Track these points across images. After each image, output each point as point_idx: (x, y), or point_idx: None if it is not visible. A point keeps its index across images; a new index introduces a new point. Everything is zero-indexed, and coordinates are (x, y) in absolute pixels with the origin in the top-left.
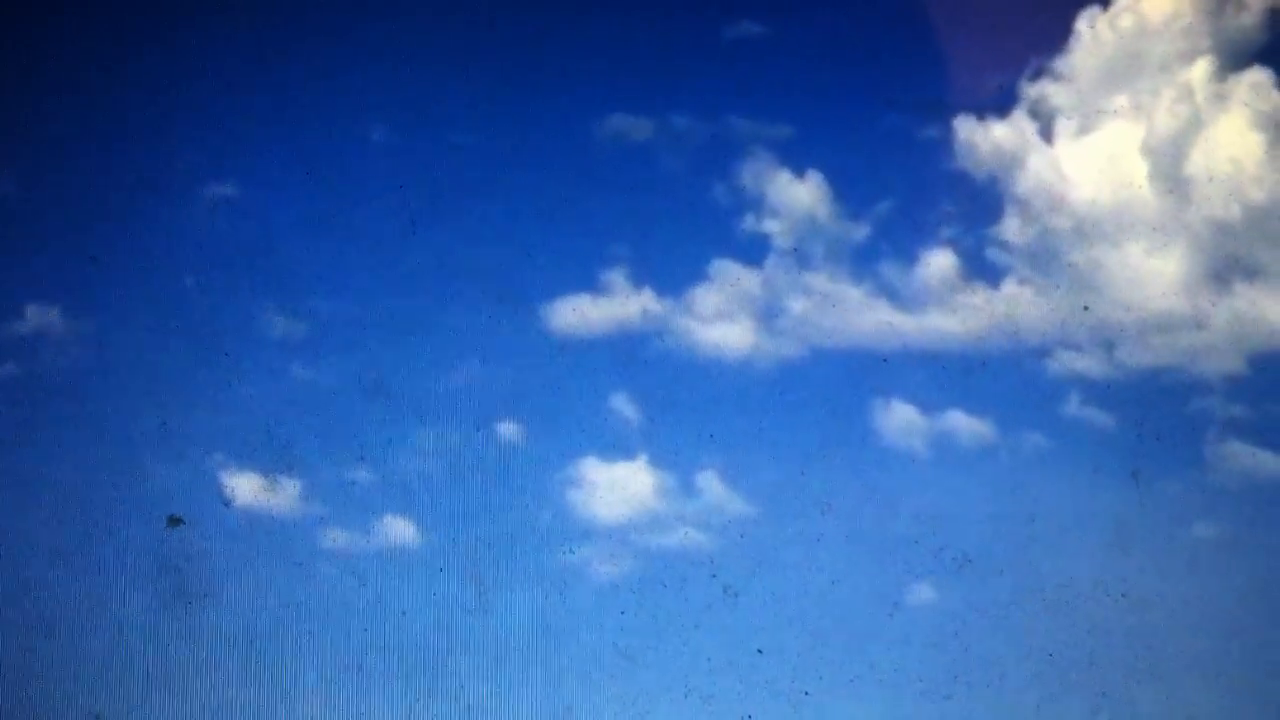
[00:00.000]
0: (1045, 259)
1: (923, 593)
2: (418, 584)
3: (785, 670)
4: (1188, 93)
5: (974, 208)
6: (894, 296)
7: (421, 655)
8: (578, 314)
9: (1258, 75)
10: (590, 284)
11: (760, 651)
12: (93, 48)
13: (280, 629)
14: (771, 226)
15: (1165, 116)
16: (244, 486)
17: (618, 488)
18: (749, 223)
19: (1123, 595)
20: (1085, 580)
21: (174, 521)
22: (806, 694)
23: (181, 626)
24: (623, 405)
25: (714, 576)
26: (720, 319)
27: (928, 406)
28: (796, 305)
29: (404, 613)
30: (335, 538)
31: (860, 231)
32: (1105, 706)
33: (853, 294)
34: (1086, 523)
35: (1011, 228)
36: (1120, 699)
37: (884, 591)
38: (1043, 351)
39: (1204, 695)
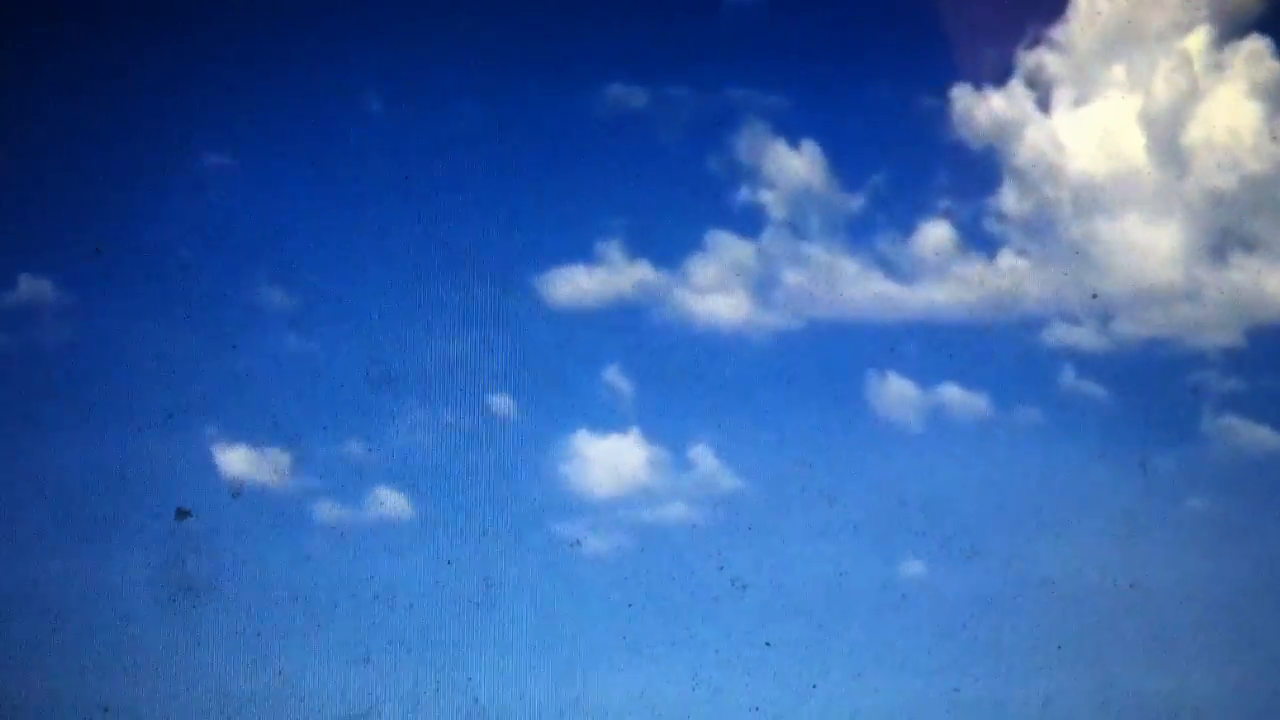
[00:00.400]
0: (1042, 231)
1: (917, 569)
2: (417, 559)
3: (793, 660)
4: (1185, 62)
5: (970, 179)
6: (890, 268)
7: (427, 637)
8: (572, 285)
9: (1255, 44)
10: (585, 255)
11: (768, 644)
12: (90, 20)
13: (285, 616)
14: (767, 197)
15: (1163, 86)
16: (249, 471)
17: (610, 462)
18: (745, 194)
19: (1131, 585)
20: (1084, 562)
21: (181, 514)
22: (814, 687)
23: (187, 618)
24: (616, 378)
25: (721, 569)
26: (716, 290)
27: (923, 379)
28: (792, 277)
29: (411, 605)
30: (333, 513)
31: (856, 202)
32: (1114, 697)
33: (849, 266)
34: (1084, 501)
35: (1008, 199)
36: (1124, 680)
37: (881, 569)
38: (1039, 324)
39: (1202, 658)
